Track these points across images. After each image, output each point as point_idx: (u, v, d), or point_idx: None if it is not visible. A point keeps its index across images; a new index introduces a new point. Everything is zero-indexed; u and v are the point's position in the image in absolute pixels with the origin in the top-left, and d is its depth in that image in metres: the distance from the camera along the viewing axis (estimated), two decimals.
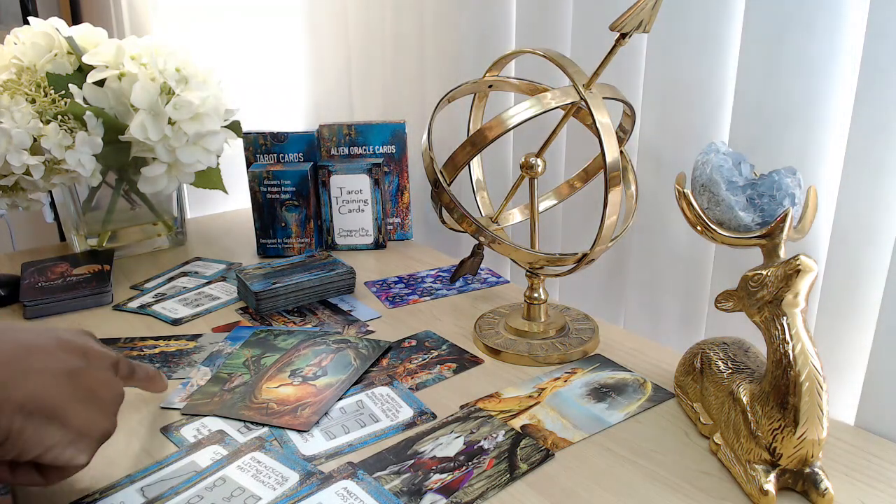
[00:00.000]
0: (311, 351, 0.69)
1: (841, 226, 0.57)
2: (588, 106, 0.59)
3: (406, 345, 0.71)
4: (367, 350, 0.69)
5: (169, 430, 0.57)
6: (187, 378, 0.65)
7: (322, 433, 0.56)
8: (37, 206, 0.94)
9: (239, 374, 0.65)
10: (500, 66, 0.72)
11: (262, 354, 0.69)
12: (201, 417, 0.59)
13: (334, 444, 0.54)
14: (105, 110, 0.85)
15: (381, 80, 1.10)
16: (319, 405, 0.59)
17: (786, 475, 0.48)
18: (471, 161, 0.69)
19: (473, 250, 0.82)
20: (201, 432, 0.56)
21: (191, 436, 0.56)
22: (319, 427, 0.57)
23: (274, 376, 0.65)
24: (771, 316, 0.48)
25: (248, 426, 0.57)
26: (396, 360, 0.68)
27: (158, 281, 0.91)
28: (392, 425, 0.57)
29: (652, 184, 0.74)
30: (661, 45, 0.69)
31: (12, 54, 0.86)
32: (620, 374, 0.65)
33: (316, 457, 0.53)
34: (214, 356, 0.69)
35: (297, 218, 0.98)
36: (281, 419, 0.57)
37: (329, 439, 0.55)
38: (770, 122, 0.61)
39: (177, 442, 0.55)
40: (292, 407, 0.59)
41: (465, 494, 0.48)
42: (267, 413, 0.58)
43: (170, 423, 0.58)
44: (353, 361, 0.66)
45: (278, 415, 0.58)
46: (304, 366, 0.66)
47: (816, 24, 0.56)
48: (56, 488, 0.50)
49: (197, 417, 0.59)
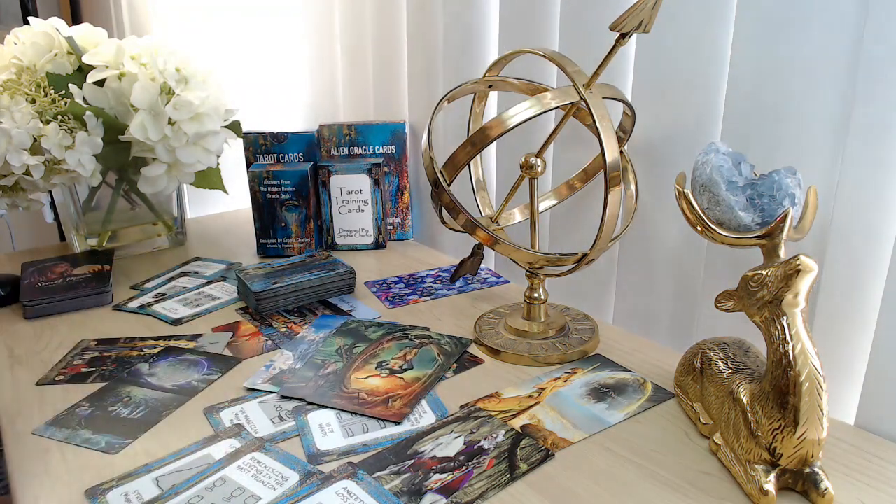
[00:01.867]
0: (394, 345, 0.70)
1: (843, 224, 0.57)
2: (588, 106, 0.59)
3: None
4: (449, 346, 0.70)
5: (211, 411, 0.59)
6: (270, 361, 0.68)
7: (343, 429, 0.57)
8: (37, 206, 0.94)
9: (332, 362, 0.67)
10: (500, 67, 0.72)
11: (353, 344, 0.71)
12: (241, 403, 0.61)
13: (350, 442, 0.55)
14: (105, 110, 0.85)
15: (381, 80, 1.10)
16: (410, 398, 0.60)
17: (786, 475, 0.48)
18: (471, 161, 0.69)
19: (473, 250, 0.82)
20: (238, 417, 0.58)
21: (228, 420, 0.58)
22: (341, 423, 0.57)
23: (361, 367, 0.66)
24: (771, 316, 0.48)
25: (282, 416, 0.59)
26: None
27: (158, 281, 0.91)
28: (412, 429, 0.57)
29: (642, 183, 0.74)
30: (652, 43, 0.69)
31: (12, 54, 0.86)
32: (620, 374, 0.65)
33: (329, 453, 0.53)
34: (297, 341, 0.72)
35: (297, 218, 0.98)
36: (374, 409, 0.59)
37: (347, 436, 0.56)
38: (762, 122, 0.60)
39: (215, 424, 0.58)
40: (383, 398, 0.60)
41: (465, 494, 0.48)
42: (358, 403, 0.60)
43: (213, 405, 0.60)
44: (437, 357, 0.68)
45: (370, 405, 0.59)
46: (389, 358, 0.68)
47: (812, 24, 0.56)
48: (77, 473, 0.50)
49: (237, 403, 0.61)
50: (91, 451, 0.55)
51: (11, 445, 0.56)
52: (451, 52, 0.93)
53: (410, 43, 1.01)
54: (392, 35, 1.05)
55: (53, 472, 0.52)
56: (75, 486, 0.50)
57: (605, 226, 0.61)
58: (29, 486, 0.51)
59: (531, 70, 0.78)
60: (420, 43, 0.99)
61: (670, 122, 0.69)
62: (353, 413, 0.59)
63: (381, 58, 1.09)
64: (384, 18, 1.06)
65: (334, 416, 0.58)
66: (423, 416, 0.58)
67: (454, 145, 0.63)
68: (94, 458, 0.54)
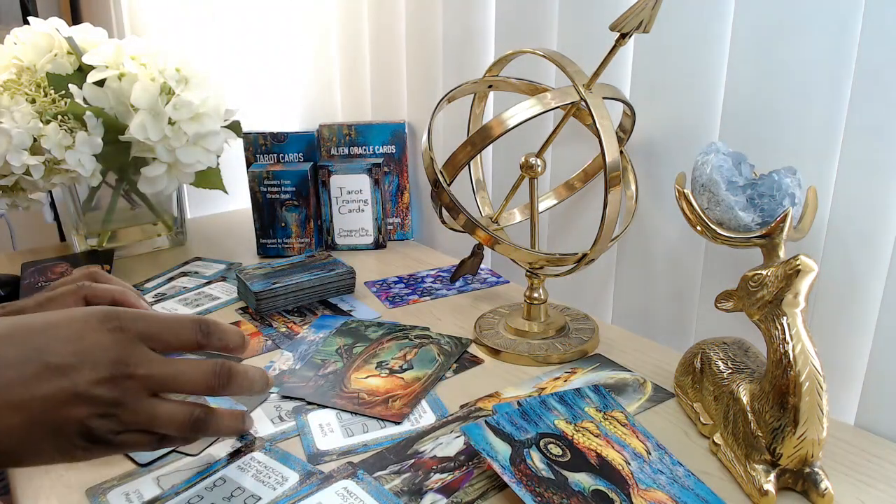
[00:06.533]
0: (394, 344, 0.70)
1: (840, 225, 0.57)
2: (588, 106, 0.59)
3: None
4: (449, 346, 0.70)
5: None
6: (270, 361, 0.68)
7: (343, 429, 0.56)
8: (37, 206, 0.94)
9: (332, 362, 0.67)
10: (500, 67, 0.72)
11: (353, 343, 0.71)
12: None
13: (350, 442, 0.55)
14: (105, 110, 0.85)
15: (380, 80, 1.10)
16: (410, 398, 0.60)
17: (786, 475, 0.48)
18: (471, 161, 0.69)
19: (473, 250, 0.82)
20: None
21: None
22: (341, 423, 0.57)
23: (361, 367, 0.66)
24: (771, 316, 0.48)
25: (282, 416, 0.58)
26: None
27: (158, 281, 0.91)
28: (412, 429, 0.56)
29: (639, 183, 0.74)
30: (650, 42, 0.69)
31: (12, 54, 0.86)
32: (620, 374, 0.65)
33: (329, 453, 0.53)
34: (297, 342, 0.72)
35: (297, 218, 0.98)
36: (373, 409, 0.59)
37: (347, 436, 0.55)
38: (759, 123, 0.60)
39: None
40: (383, 398, 0.60)
41: (465, 494, 0.48)
42: (359, 403, 0.60)
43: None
44: (437, 356, 0.68)
45: (370, 405, 0.59)
46: (389, 358, 0.67)
47: (810, 26, 0.56)
48: (77, 473, 0.50)
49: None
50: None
51: None
52: (450, 52, 0.93)
53: (410, 43, 1.01)
54: (391, 35, 1.05)
55: (53, 472, 0.52)
56: (75, 486, 0.50)
57: (605, 226, 0.61)
58: (29, 486, 0.51)
59: (531, 70, 0.78)
60: (419, 43, 0.99)
61: (667, 122, 0.69)
62: (353, 413, 0.59)
63: (380, 57, 1.09)
64: (384, 18, 1.06)
65: (334, 415, 0.58)
66: (423, 416, 0.58)
67: (454, 145, 0.63)
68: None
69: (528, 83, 0.74)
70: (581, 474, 0.47)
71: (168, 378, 0.45)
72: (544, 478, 0.45)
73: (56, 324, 0.43)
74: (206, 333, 0.47)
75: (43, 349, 0.41)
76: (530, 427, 0.50)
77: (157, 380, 0.44)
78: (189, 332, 0.46)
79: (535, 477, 0.45)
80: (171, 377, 0.45)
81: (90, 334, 0.43)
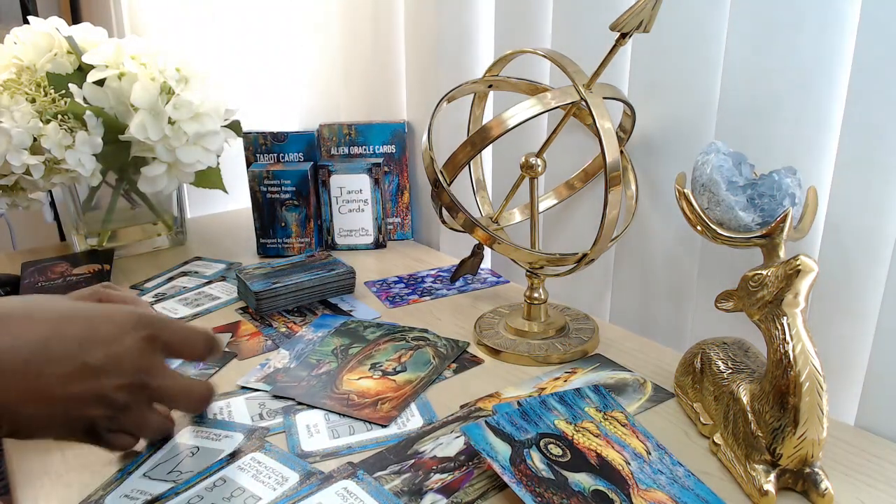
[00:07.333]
0: (390, 346, 0.70)
1: (839, 225, 0.57)
2: (588, 106, 0.59)
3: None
4: (445, 349, 0.69)
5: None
6: (266, 359, 0.68)
7: (329, 430, 0.56)
8: (37, 205, 0.94)
9: (327, 362, 0.67)
10: (500, 67, 0.72)
11: (350, 344, 0.70)
12: (228, 398, 0.61)
13: (335, 443, 0.55)
14: (105, 110, 0.85)
15: (381, 80, 1.10)
16: (399, 401, 0.60)
17: (786, 475, 0.48)
18: (471, 161, 0.69)
19: (473, 250, 0.82)
20: (223, 412, 0.59)
21: (211, 414, 0.59)
22: (328, 424, 0.57)
23: (355, 368, 0.66)
24: (771, 316, 0.48)
25: (263, 415, 0.58)
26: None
27: (158, 281, 0.91)
28: (398, 433, 0.56)
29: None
30: (647, 42, 0.69)
31: (12, 54, 0.86)
32: (620, 374, 0.65)
33: (313, 454, 0.53)
34: (295, 340, 0.72)
35: (297, 218, 0.98)
36: (361, 412, 0.58)
37: (333, 438, 0.55)
38: (757, 122, 0.60)
39: (199, 417, 0.58)
40: (372, 400, 0.60)
41: (465, 494, 0.48)
42: (348, 404, 0.59)
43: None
44: (432, 359, 0.67)
45: (359, 407, 0.59)
46: (383, 360, 0.67)
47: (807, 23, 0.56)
48: (77, 473, 0.50)
49: (225, 398, 0.61)
50: (91, 450, 0.55)
51: (11, 445, 0.56)
52: (450, 52, 0.93)
53: (409, 43, 1.01)
54: (391, 35, 1.05)
55: (53, 472, 0.52)
56: (75, 486, 0.50)
57: (605, 226, 0.61)
58: (29, 486, 0.51)
59: (531, 70, 0.78)
60: (419, 43, 0.99)
61: (665, 121, 0.69)
62: (341, 414, 0.58)
63: (380, 57, 1.09)
64: (384, 18, 1.06)
65: (322, 416, 0.58)
66: (410, 420, 0.58)
67: (454, 145, 0.63)
68: (94, 458, 0.53)
69: (529, 83, 0.74)
70: (581, 474, 0.47)
71: (173, 393, 0.50)
72: (544, 478, 0.45)
73: (98, 319, 0.47)
74: (209, 351, 0.52)
75: (84, 344, 0.45)
76: (530, 427, 0.50)
77: (163, 392, 0.50)
78: (201, 349, 0.52)
79: (535, 477, 0.45)
80: (174, 394, 0.50)
81: (124, 338, 0.47)
